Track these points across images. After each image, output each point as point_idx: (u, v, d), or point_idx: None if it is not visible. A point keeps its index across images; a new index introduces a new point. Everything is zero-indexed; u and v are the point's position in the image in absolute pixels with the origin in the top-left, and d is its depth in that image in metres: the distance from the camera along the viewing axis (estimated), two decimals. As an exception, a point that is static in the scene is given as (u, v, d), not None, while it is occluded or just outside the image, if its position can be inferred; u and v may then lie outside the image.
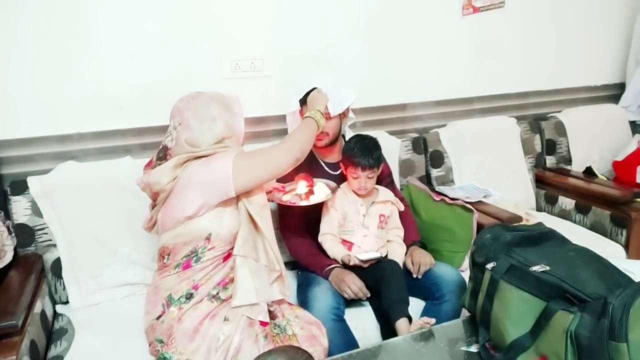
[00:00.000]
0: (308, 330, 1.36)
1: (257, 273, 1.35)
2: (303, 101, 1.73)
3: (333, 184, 1.70)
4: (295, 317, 1.39)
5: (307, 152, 1.45)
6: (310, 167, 1.79)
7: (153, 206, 1.41)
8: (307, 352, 1.00)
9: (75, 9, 1.70)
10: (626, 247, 2.10)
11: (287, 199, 1.61)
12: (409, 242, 1.77)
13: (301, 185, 1.64)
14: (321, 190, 1.64)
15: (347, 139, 1.78)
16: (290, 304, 1.48)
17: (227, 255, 1.36)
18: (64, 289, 1.67)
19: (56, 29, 1.69)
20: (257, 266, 1.36)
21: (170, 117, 1.38)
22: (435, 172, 2.33)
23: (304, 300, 1.59)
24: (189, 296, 1.32)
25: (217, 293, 1.35)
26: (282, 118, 1.96)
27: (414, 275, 1.64)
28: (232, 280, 1.35)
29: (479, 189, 2.19)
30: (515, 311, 1.05)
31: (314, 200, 1.59)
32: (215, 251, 1.34)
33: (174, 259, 1.35)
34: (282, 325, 1.35)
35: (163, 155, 1.35)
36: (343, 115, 1.78)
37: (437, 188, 2.22)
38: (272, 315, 1.36)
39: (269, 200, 1.55)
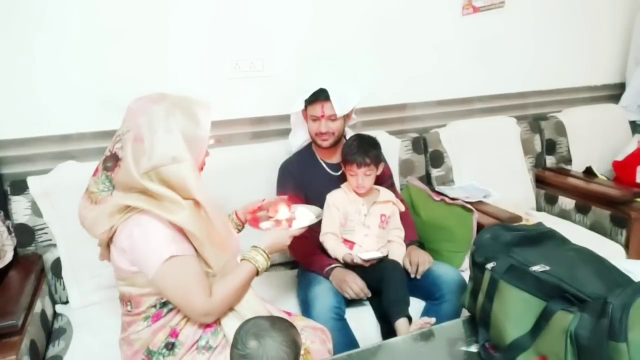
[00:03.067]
0: (320, 341, 1.29)
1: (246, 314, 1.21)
2: (309, 101, 1.73)
3: (318, 210, 1.51)
4: (302, 328, 1.28)
5: (225, 309, 1.20)
6: (311, 168, 1.79)
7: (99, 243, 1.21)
8: (292, 324, 0.99)
9: (76, 10, 1.70)
10: (626, 247, 2.10)
11: (267, 226, 1.40)
12: (407, 241, 1.77)
13: (282, 211, 1.44)
14: (304, 215, 1.45)
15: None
16: (289, 314, 1.40)
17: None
18: (64, 288, 1.67)
19: (56, 29, 1.69)
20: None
21: (123, 119, 1.16)
22: (435, 172, 2.33)
23: (304, 300, 1.59)
24: (171, 346, 1.16)
25: (207, 342, 1.18)
26: (282, 118, 1.96)
27: (412, 276, 1.64)
28: (218, 321, 1.20)
29: (478, 189, 2.19)
30: (515, 311, 1.05)
31: (296, 225, 1.38)
32: None
33: (138, 308, 1.16)
34: None
35: (112, 165, 1.13)
36: (347, 117, 1.78)
37: (437, 188, 2.22)
38: None
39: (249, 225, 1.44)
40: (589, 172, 2.54)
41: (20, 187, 1.63)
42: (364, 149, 1.66)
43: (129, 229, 1.11)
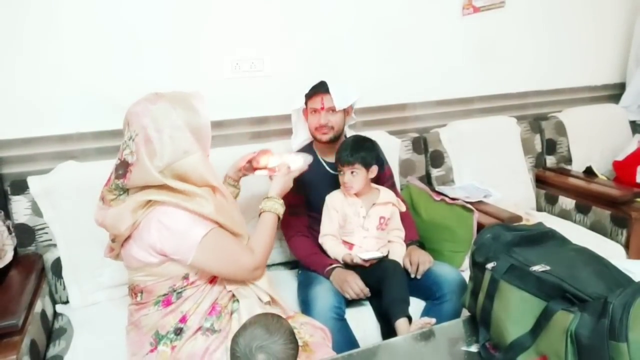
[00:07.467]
0: (318, 336, 1.31)
1: (257, 302, 1.29)
2: (309, 95, 1.73)
3: (305, 155, 1.60)
4: (301, 324, 1.33)
5: (267, 259, 1.35)
6: (311, 166, 1.79)
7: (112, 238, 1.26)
8: (279, 315, 1.02)
9: (75, 9, 1.70)
10: (626, 246, 2.10)
11: (262, 173, 1.51)
12: (407, 241, 1.77)
13: (272, 159, 1.53)
14: (293, 159, 1.54)
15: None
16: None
17: (214, 278, 1.27)
18: (64, 288, 1.67)
19: (56, 29, 1.69)
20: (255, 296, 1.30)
21: (125, 124, 1.19)
22: (435, 172, 2.33)
23: (305, 300, 1.59)
24: (179, 331, 1.20)
25: (211, 325, 1.23)
26: (282, 118, 1.96)
27: (412, 276, 1.64)
28: (223, 307, 1.26)
29: (479, 188, 2.19)
30: (516, 311, 1.05)
31: (292, 167, 1.50)
32: (197, 285, 1.23)
33: (150, 297, 1.21)
34: None
35: (123, 172, 1.17)
36: (347, 113, 1.78)
37: (437, 188, 2.22)
38: None
39: (243, 175, 1.53)
40: (589, 172, 2.54)
41: (20, 187, 1.63)
42: (353, 148, 1.65)
43: (155, 220, 1.15)
